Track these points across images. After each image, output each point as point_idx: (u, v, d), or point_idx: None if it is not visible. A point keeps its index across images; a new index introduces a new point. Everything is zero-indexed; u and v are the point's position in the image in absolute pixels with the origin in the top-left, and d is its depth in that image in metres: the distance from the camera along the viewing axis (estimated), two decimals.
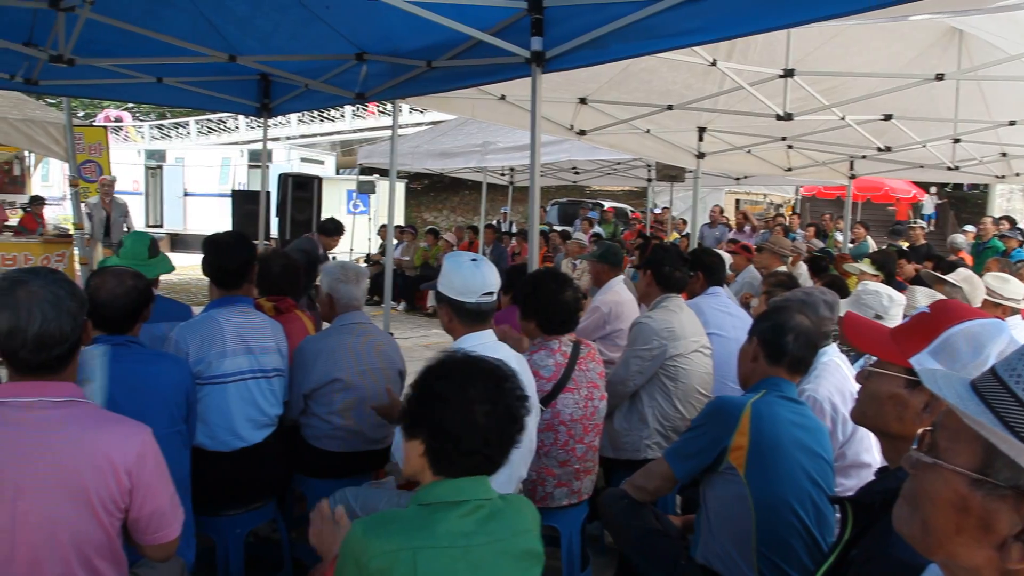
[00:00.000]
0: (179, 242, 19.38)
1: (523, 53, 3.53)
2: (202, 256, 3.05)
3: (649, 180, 13.32)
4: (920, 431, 1.00)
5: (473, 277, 2.48)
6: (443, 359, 1.72)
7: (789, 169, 8.64)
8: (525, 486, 2.88)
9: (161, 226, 19.84)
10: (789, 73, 4.63)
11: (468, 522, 1.58)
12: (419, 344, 9.22)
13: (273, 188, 9.59)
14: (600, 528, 3.82)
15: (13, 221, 11.77)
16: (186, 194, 20.04)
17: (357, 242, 13.54)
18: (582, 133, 6.47)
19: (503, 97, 5.63)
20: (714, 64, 4.58)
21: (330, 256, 7.54)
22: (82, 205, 9.74)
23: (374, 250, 13.75)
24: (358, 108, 25.29)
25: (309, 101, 5.87)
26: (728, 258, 5.91)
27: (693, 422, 2.48)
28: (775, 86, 4.91)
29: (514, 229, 15.75)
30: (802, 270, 6.92)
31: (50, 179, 20.93)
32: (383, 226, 14.25)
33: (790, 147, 7.75)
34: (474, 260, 2.52)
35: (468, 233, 13.14)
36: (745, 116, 5.88)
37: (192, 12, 4.37)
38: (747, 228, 13.75)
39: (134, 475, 1.76)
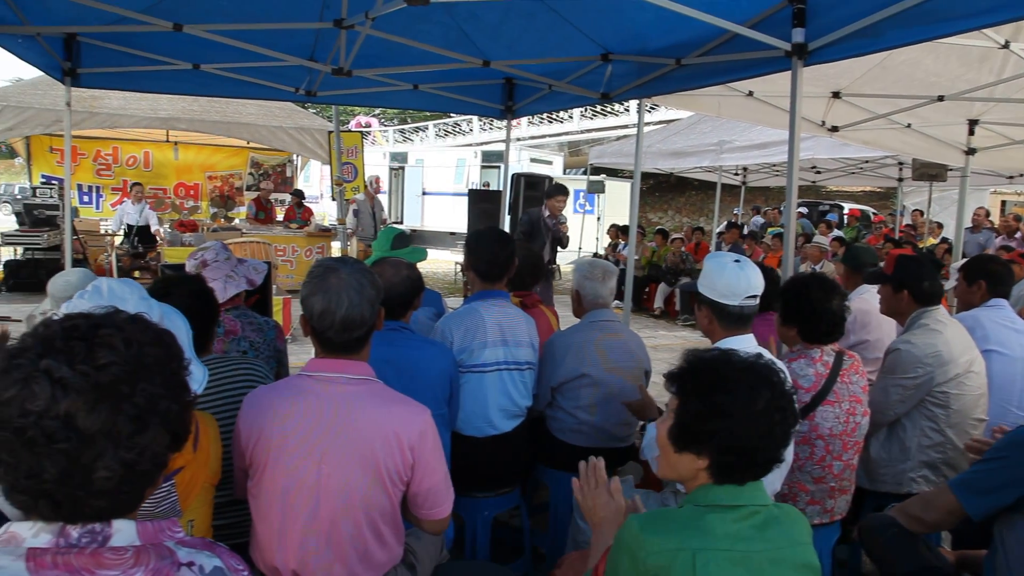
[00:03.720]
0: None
1: (783, 46, 3.35)
2: (466, 250, 3.21)
3: (900, 179, 12.20)
4: None
5: (738, 279, 2.40)
6: (714, 365, 1.64)
7: None
8: (776, 500, 2.74)
9: (401, 222, 21.42)
10: None
11: (745, 527, 1.54)
12: (647, 346, 9.18)
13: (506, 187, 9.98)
14: (848, 552, 3.55)
15: (279, 217, 13.29)
16: (424, 193, 21.49)
17: (585, 242, 13.71)
18: (834, 129, 6.03)
19: (751, 93, 5.41)
20: (1006, 46, 4.06)
21: (559, 217, 7.65)
22: (351, 204, 10.79)
23: (601, 250, 13.85)
24: (586, 109, 25.63)
25: (552, 102, 6.01)
26: None
27: (988, 452, 2.21)
28: None
29: (744, 231, 15.16)
30: None
31: (310, 179, 23.35)
32: (612, 225, 14.32)
33: None
34: (738, 261, 2.43)
35: (696, 234, 12.81)
36: None
37: (447, 24, 4.64)
38: (1019, 234, 12.13)
39: (416, 451, 1.90)
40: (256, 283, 3.01)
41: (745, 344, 2.42)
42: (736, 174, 13.51)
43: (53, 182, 12.90)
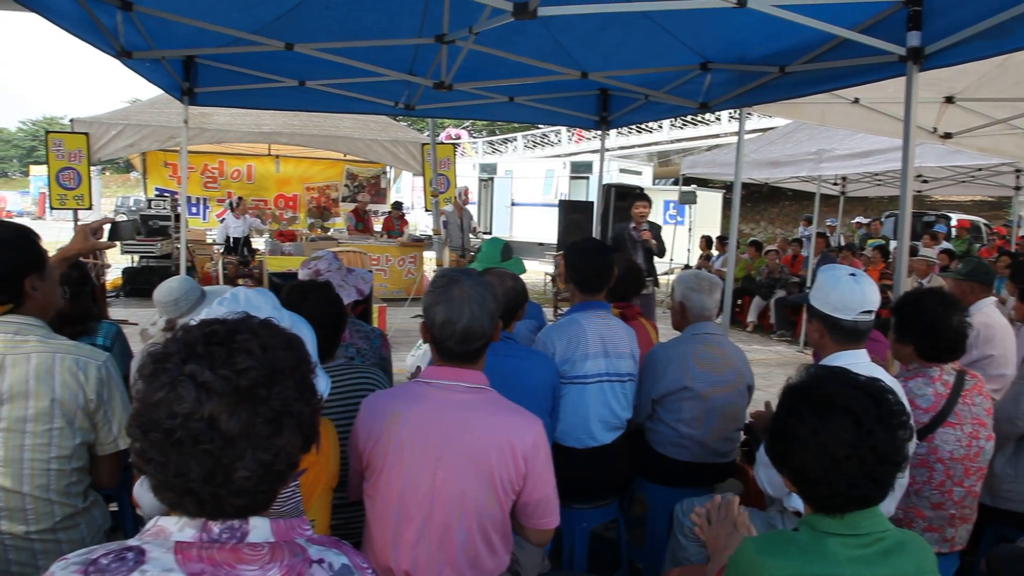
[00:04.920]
0: None
1: (897, 50, 3.22)
2: (564, 262, 3.21)
3: (1017, 188, 11.49)
4: None
5: (852, 293, 2.32)
6: (800, 386, 1.59)
7: None
8: None
9: (490, 233, 21.66)
10: None
11: (869, 554, 1.47)
12: None
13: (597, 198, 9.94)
14: None
15: (376, 227, 13.66)
16: (513, 204, 21.66)
17: (676, 253, 13.52)
18: (947, 136, 5.75)
19: (856, 100, 5.22)
20: None
21: (642, 224, 7.57)
22: (441, 215, 11.03)
23: (692, 261, 13.62)
24: (676, 118, 25.29)
25: (648, 113, 5.96)
26: None
27: None
28: None
29: (841, 242, 14.63)
30: None
31: (401, 190, 23.88)
32: (704, 237, 14.08)
33: None
34: (853, 275, 2.35)
35: (793, 246, 12.41)
36: None
37: (541, 35, 4.65)
38: None
39: (529, 461, 1.91)
40: (364, 293, 3.11)
41: (857, 360, 2.33)
42: (835, 183, 13.03)
43: (166, 194, 13.65)
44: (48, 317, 2.17)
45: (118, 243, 11.50)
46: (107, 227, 2.86)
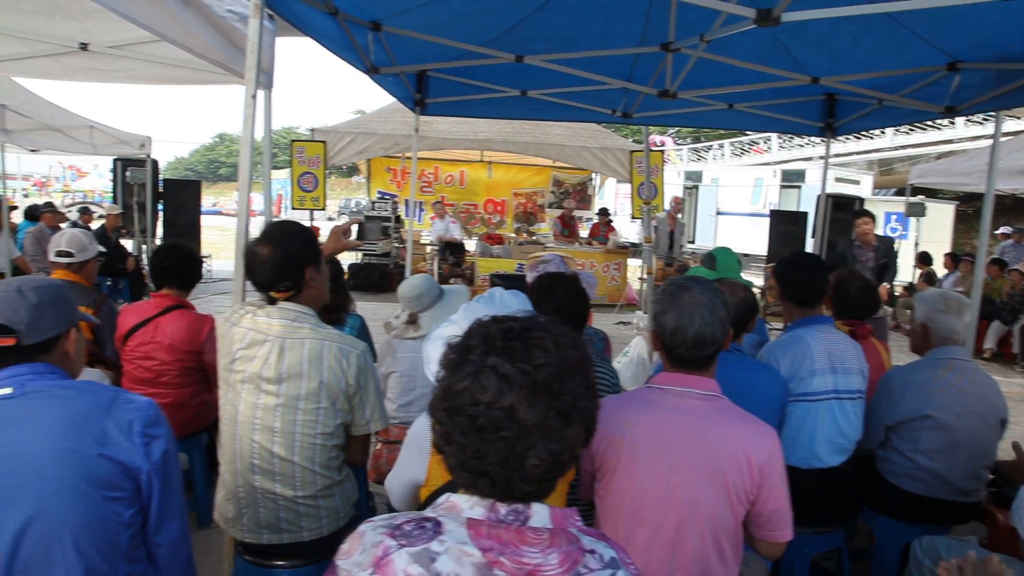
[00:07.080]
0: None
1: None
2: (776, 280, 3.11)
3: None
4: None
5: None
6: None
7: None
8: None
9: (693, 242, 21.17)
10: None
11: None
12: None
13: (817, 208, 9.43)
14: None
15: (582, 233, 13.87)
16: (718, 213, 21.04)
17: (900, 271, 12.48)
18: None
19: None
20: None
21: (870, 241, 7.12)
22: (652, 221, 11.03)
23: (915, 279, 12.48)
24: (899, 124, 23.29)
25: (881, 118, 5.56)
26: None
27: None
28: None
29: None
30: None
31: (605, 197, 24.02)
32: (920, 253, 12.94)
33: None
34: None
35: None
36: None
37: (764, 37, 4.44)
38: None
39: (764, 471, 1.88)
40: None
41: None
42: None
43: (386, 197, 14.72)
44: (318, 307, 2.44)
45: (363, 242, 12.60)
46: (354, 227, 3.15)
